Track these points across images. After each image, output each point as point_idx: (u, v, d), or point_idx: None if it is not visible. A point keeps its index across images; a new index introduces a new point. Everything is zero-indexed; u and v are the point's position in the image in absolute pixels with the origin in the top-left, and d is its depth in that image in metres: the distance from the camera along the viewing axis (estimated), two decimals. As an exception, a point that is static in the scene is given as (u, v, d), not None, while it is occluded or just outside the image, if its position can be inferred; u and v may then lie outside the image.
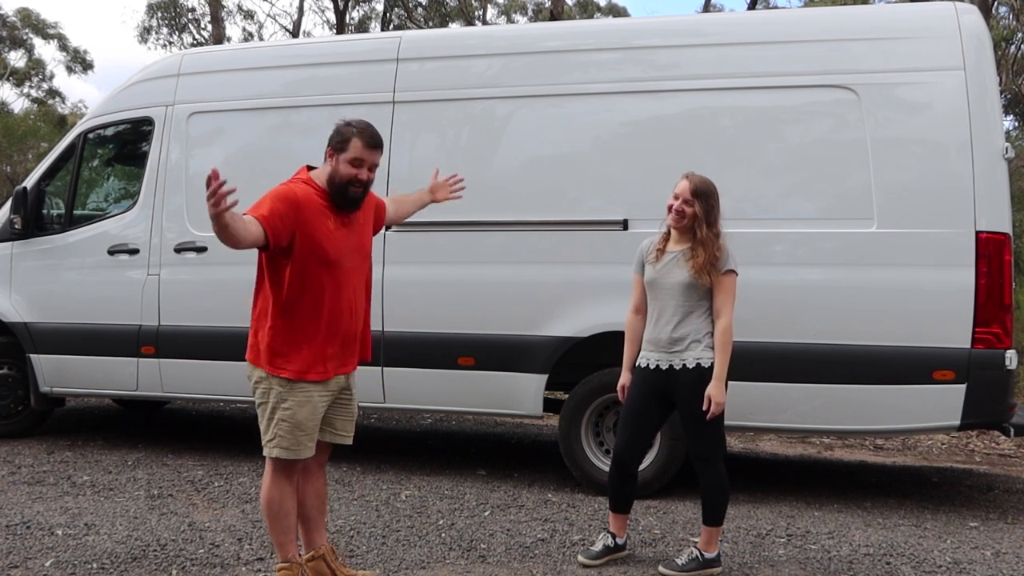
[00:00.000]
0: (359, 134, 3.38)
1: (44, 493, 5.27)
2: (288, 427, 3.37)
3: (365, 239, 3.56)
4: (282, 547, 3.48)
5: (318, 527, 3.64)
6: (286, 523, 3.47)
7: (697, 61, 5.49)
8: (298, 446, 3.39)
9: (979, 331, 4.90)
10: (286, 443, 3.38)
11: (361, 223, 3.53)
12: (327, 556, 3.60)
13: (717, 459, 4.02)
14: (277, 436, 3.38)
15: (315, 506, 3.62)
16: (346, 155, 3.37)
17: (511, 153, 5.79)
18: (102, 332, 6.42)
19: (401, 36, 6.20)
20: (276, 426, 3.39)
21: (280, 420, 3.37)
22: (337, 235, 3.39)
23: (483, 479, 5.82)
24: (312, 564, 3.56)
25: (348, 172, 3.37)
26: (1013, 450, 7.57)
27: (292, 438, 3.38)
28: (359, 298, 3.52)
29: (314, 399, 3.40)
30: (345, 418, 3.60)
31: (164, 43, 29.62)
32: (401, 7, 27.96)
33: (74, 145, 6.84)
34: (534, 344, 5.51)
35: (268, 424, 3.41)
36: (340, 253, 3.38)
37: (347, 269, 3.42)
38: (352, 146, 3.37)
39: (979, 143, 4.96)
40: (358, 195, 3.41)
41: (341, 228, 3.42)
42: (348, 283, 3.43)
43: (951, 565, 4.21)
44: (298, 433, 3.38)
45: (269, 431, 3.41)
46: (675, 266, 3.97)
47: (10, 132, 21.80)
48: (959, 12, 5.13)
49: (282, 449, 3.38)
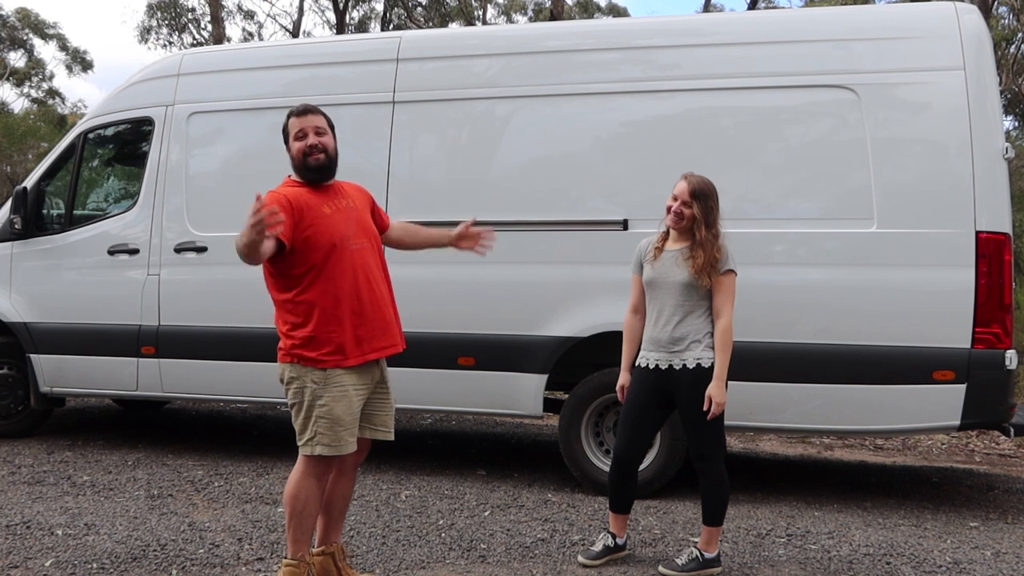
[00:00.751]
0: (292, 112, 3.53)
1: (44, 493, 5.27)
2: (327, 423, 3.36)
3: (365, 220, 3.58)
4: (296, 544, 3.46)
5: (336, 524, 3.64)
6: (307, 523, 3.45)
7: (697, 61, 5.49)
8: (340, 442, 3.38)
9: (979, 331, 4.90)
10: (327, 440, 3.36)
11: (356, 207, 3.57)
12: (336, 555, 3.59)
13: (718, 459, 4.02)
14: (317, 434, 3.37)
15: (339, 505, 3.62)
16: (289, 136, 3.50)
17: (511, 153, 5.79)
18: (102, 332, 6.42)
19: (401, 36, 6.20)
20: (315, 424, 3.37)
21: (318, 417, 3.36)
22: (335, 218, 3.43)
23: (483, 479, 5.82)
24: (320, 559, 3.55)
25: (297, 147, 3.47)
26: (1013, 450, 7.57)
27: (333, 434, 3.36)
28: (376, 280, 3.51)
29: (349, 392, 3.39)
30: (384, 412, 3.60)
31: (164, 43, 29.65)
32: (401, 7, 27.96)
33: (74, 145, 6.84)
34: (534, 344, 5.51)
35: (305, 423, 3.40)
36: (341, 235, 3.42)
37: (354, 250, 3.44)
38: (290, 124, 3.50)
39: (979, 143, 4.96)
40: (321, 161, 3.47)
41: (337, 212, 3.46)
42: (359, 263, 3.45)
43: (951, 565, 4.21)
44: (338, 428, 3.37)
45: (307, 430, 3.39)
46: (674, 265, 3.97)
47: (10, 132, 21.79)
48: (959, 12, 5.13)
49: (324, 446, 3.36)
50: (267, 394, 6.17)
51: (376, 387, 3.55)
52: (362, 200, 3.64)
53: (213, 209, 6.25)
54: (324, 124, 3.53)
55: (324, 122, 3.53)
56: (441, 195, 5.80)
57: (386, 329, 3.53)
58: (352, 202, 3.56)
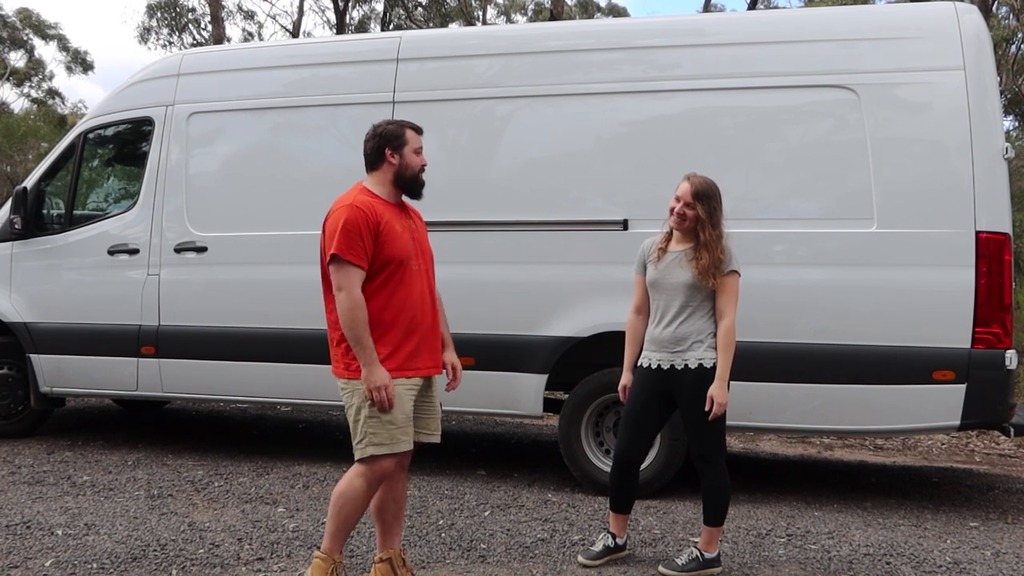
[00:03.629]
0: (409, 126, 3.61)
1: (44, 493, 5.27)
2: (377, 422, 3.36)
3: (425, 244, 3.64)
4: (333, 539, 3.46)
5: (392, 530, 3.62)
6: (348, 523, 3.46)
7: (697, 61, 5.49)
8: (392, 440, 3.38)
9: (979, 331, 4.90)
10: (379, 439, 3.37)
11: (419, 227, 3.64)
12: (394, 560, 3.58)
13: (719, 459, 4.02)
14: (368, 434, 3.37)
15: (392, 510, 3.61)
16: (409, 147, 3.55)
17: (511, 153, 5.79)
18: (102, 332, 6.42)
19: (401, 36, 6.20)
20: (365, 424, 3.38)
21: (367, 417, 3.37)
22: (404, 236, 3.48)
23: (483, 479, 5.82)
24: (380, 566, 3.56)
25: (417, 161, 3.56)
26: (1013, 450, 7.57)
27: (385, 432, 3.37)
28: (429, 302, 3.56)
29: (399, 390, 3.39)
30: (430, 416, 3.62)
31: (164, 43, 29.62)
32: (401, 7, 27.95)
33: (74, 145, 6.84)
34: (534, 344, 5.51)
35: (357, 425, 3.41)
36: (408, 253, 3.46)
37: (415, 270, 3.49)
38: (410, 137, 3.56)
39: (979, 143, 4.95)
40: (423, 181, 3.60)
41: (406, 231, 3.51)
42: (418, 282, 3.49)
43: (951, 565, 4.21)
44: (390, 427, 3.37)
45: (359, 431, 3.40)
46: (677, 266, 3.97)
47: (11, 132, 21.78)
48: (959, 12, 5.13)
49: (375, 446, 3.37)
50: (267, 394, 6.18)
51: (423, 392, 3.56)
52: (422, 226, 3.70)
53: (213, 209, 6.25)
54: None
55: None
56: (441, 195, 5.77)
57: (434, 351, 3.60)
58: (415, 223, 3.63)
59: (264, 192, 6.19)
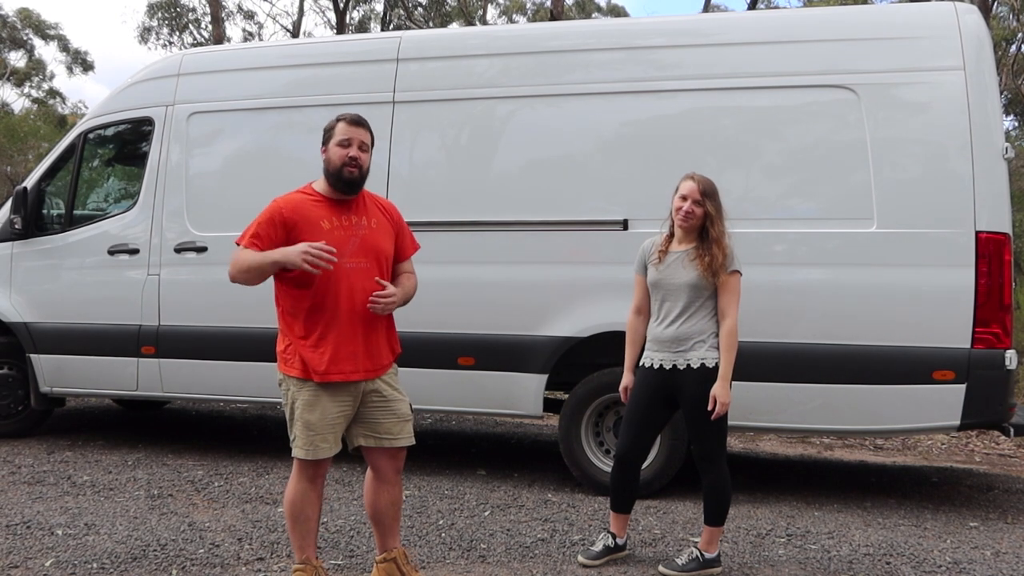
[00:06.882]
0: (344, 118, 3.50)
1: (44, 493, 5.27)
2: (301, 427, 3.39)
3: (376, 240, 3.48)
4: (299, 549, 3.48)
5: (390, 532, 3.60)
6: (305, 526, 3.47)
7: (698, 61, 5.49)
8: (312, 447, 3.38)
9: (979, 331, 4.90)
10: (301, 443, 3.39)
11: (372, 226, 3.49)
12: (399, 559, 3.56)
13: (721, 459, 4.02)
14: (296, 436, 3.41)
15: (388, 512, 3.58)
16: (334, 140, 3.46)
17: (511, 153, 5.79)
18: (102, 332, 6.42)
19: (401, 36, 6.20)
20: (294, 426, 3.42)
21: (295, 420, 3.41)
22: (332, 234, 3.38)
23: (483, 479, 5.82)
24: (384, 566, 3.55)
25: (339, 154, 3.42)
26: (1013, 450, 7.57)
27: (306, 438, 3.38)
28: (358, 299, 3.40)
29: (322, 401, 3.37)
30: (390, 420, 3.49)
31: (164, 43, 29.62)
32: (401, 7, 27.95)
33: (74, 145, 6.84)
34: (534, 344, 5.51)
35: (291, 425, 3.45)
36: (338, 253, 3.32)
37: (348, 268, 3.37)
38: (339, 130, 3.47)
39: (979, 143, 4.96)
40: (353, 176, 3.43)
41: (339, 229, 3.41)
42: (355, 283, 3.38)
43: (951, 565, 4.21)
44: (309, 434, 3.37)
45: (291, 431, 3.44)
46: (680, 267, 3.96)
47: (12, 133, 21.79)
48: (959, 12, 5.14)
49: (298, 449, 3.41)
50: (267, 394, 6.16)
51: (370, 396, 3.46)
52: (385, 221, 3.56)
53: (213, 209, 6.25)
54: (368, 142, 3.50)
55: (369, 140, 3.51)
56: (441, 195, 5.80)
57: (370, 352, 3.45)
58: (367, 220, 3.49)
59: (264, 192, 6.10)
